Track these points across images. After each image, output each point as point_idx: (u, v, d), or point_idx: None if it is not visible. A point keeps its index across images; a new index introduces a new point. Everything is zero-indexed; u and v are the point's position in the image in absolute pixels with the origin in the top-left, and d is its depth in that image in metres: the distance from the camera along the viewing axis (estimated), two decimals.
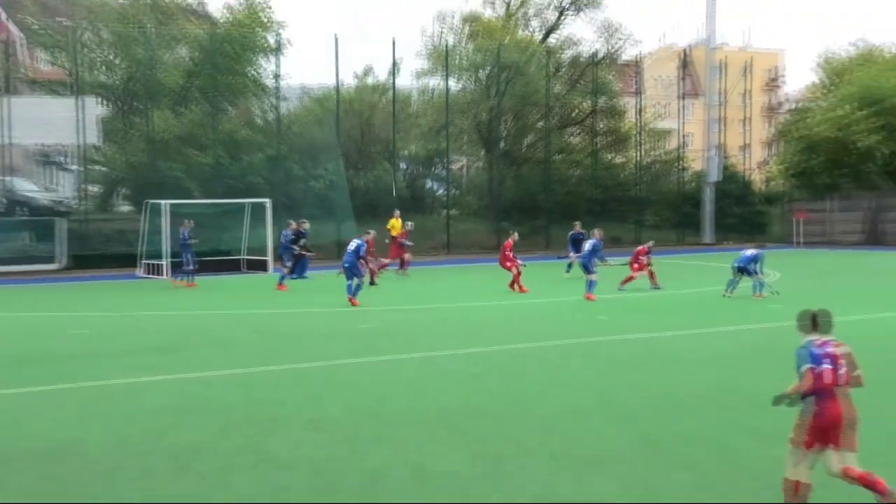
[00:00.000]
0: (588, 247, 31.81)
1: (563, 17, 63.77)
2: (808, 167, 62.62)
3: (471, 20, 61.68)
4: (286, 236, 37.88)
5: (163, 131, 47.45)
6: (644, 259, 34.04)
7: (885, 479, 10.28)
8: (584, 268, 31.49)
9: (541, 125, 59.06)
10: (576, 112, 61.45)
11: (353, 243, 30.33)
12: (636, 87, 63.35)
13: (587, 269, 31.19)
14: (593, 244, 31.94)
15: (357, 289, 29.62)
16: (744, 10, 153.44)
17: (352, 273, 29.70)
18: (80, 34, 48.39)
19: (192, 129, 48.55)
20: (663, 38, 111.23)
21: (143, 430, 14.22)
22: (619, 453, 12.87)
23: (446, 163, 56.71)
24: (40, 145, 52.26)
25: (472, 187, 61.50)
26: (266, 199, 42.12)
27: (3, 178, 45.29)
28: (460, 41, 59.94)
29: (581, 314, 27.41)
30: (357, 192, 50.32)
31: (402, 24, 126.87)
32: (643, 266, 33.95)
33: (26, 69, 57.07)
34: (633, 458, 12.59)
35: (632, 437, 13.61)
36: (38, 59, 56.66)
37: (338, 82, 51.74)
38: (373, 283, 35.16)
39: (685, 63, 70.89)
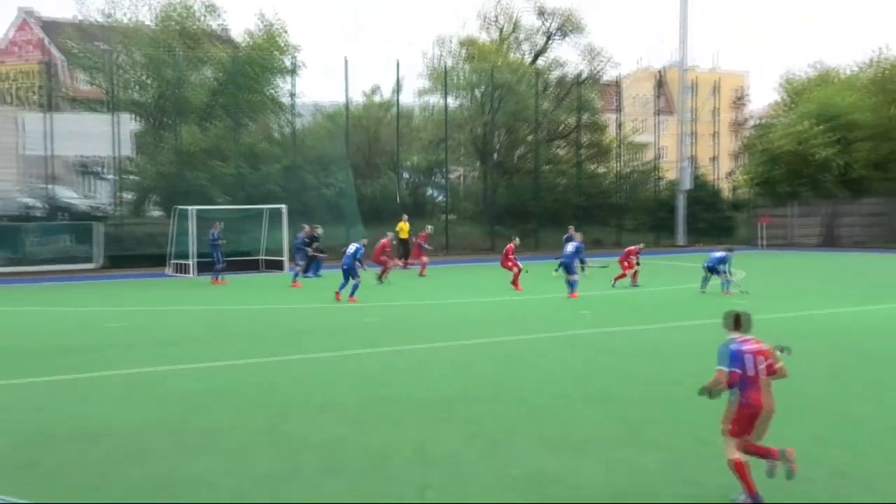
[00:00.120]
0: (571, 248, 31.25)
1: (550, 42, 63.80)
2: (771, 177, 62.57)
3: (467, 44, 61.67)
4: (300, 238, 37.85)
5: (190, 144, 47.39)
6: (634, 259, 33.89)
7: (835, 460, 10.22)
8: (565, 268, 30.84)
9: (530, 139, 58.98)
10: (562, 127, 61.45)
11: (351, 247, 30.05)
12: (616, 105, 63.29)
13: (569, 269, 30.62)
14: (577, 246, 31.74)
15: (354, 288, 29.31)
16: (712, 36, 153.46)
17: (349, 274, 29.52)
18: (116, 57, 48.33)
19: (216, 143, 48.52)
20: (640, 61, 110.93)
21: (171, 413, 14.20)
22: (601, 435, 12.84)
23: (445, 172, 56.70)
24: (80, 157, 52.23)
25: (468, 194, 61.46)
26: (282, 206, 42.08)
27: (47, 186, 45.24)
28: (458, 63, 59.90)
29: (566, 310, 27.36)
30: (364, 198, 50.28)
31: (405, 47, 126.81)
32: (632, 265, 33.75)
33: (67, 88, 57.11)
34: (614, 439, 12.57)
35: (613, 421, 13.59)
36: (78, 79, 56.62)
37: (347, 100, 51.75)
38: (380, 280, 34.99)
39: (660, 83, 70.94)
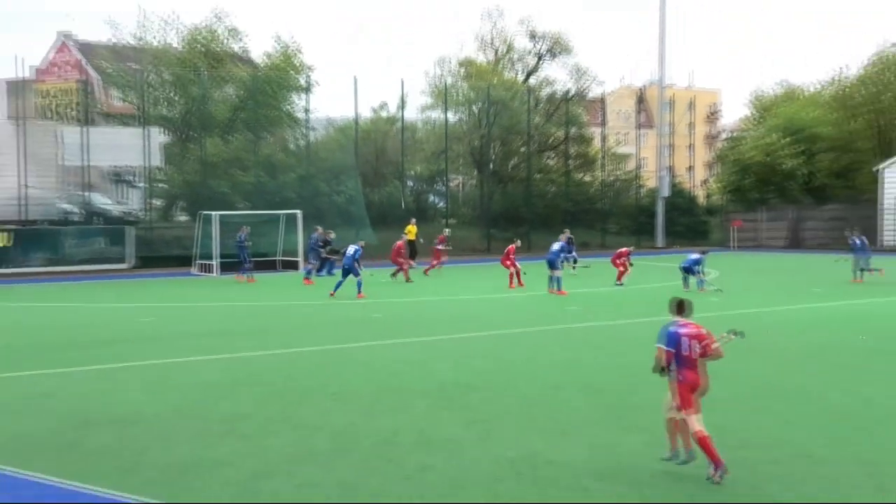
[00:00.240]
0: (556, 247, 30.81)
1: (541, 62, 63.85)
2: (742, 185, 62.49)
3: (465, 64, 61.70)
4: (314, 239, 37.81)
5: (213, 155, 47.39)
6: (627, 260, 33.66)
7: (800, 442, 10.20)
8: (549, 265, 30.20)
9: (523, 150, 58.95)
10: (552, 139, 61.46)
11: (350, 248, 30.10)
12: (601, 119, 63.25)
13: (552, 265, 30.07)
14: (561, 245, 31.49)
15: (359, 285, 29.24)
16: (688, 56, 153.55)
17: (349, 273, 29.49)
18: (147, 76, 48.33)
19: (237, 154, 48.54)
20: (623, 79, 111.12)
21: (196, 400, 14.20)
22: (588, 419, 12.85)
23: (445, 180, 56.73)
24: (113, 167, 52.21)
25: (466, 201, 61.47)
26: (297, 211, 42.07)
27: (84, 193, 45.26)
28: (457, 81, 59.92)
29: (555, 306, 27.35)
30: (372, 204, 50.25)
31: (409, 67, 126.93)
32: (626, 265, 33.46)
33: (102, 105, 57.09)
34: (599, 423, 12.57)
35: (598, 406, 13.59)
36: (112, 96, 56.63)
37: (356, 115, 51.70)
38: (394, 276, 34.56)
39: (641, 99, 71.04)
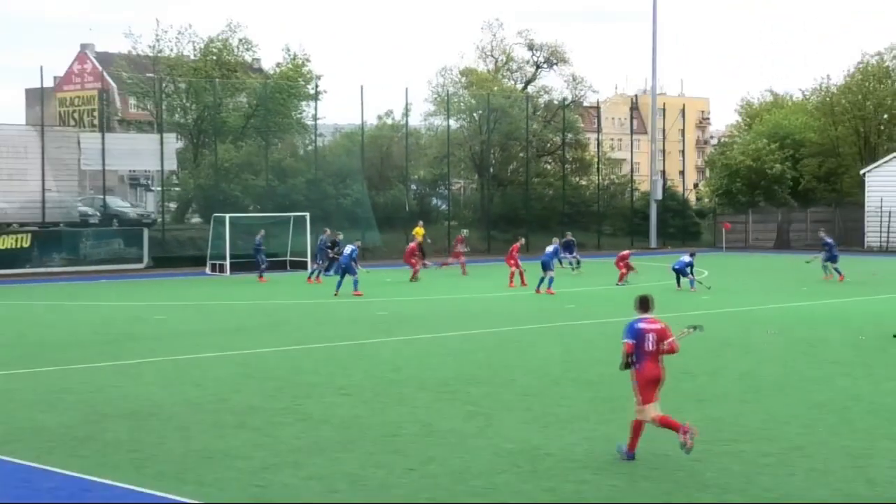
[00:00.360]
0: (550, 249, 30.40)
1: (539, 71, 63.84)
2: (731, 188, 62.37)
3: (467, 73, 61.70)
4: (322, 240, 37.76)
5: (225, 160, 47.41)
6: (628, 261, 33.45)
7: (788, 431, 10.21)
8: (543, 266, 29.53)
9: (522, 155, 58.88)
10: (549, 145, 61.48)
11: (348, 248, 30.15)
12: (596, 126, 63.25)
13: (545, 266, 29.46)
14: (555, 248, 31.19)
15: (355, 283, 29.18)
16: (679, 65, 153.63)
17: (346, 271, 29.46)
18: (164, 85, 48.39)
19: (249, 158, 48.59)
20: (617, 88, 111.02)
21: (209, 394, 14.21)
22: (583, 412, 12.86)
23: (447, 184, 56.76)
24: (130, 171, 52.44)
25: (467, 203, 61.44)
26: (306, 213, 42.05)
27: (101, 196, 45.30)
28: (458, 90, 59.90)
29: (553, 303, 27.27)
30: (377, 207, 50.18)
31: (412, 76, 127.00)
32: (629, 267, 33.20)
33: (120, 112, 57.25)
34: (594, 415, 12.58)
35: (595, 400, 13.59)
36: (129, 104, 56.76)
37: (363, 122, 51.64)
38: (414, 279, 34.34)
39: (634, 107, 71.13)
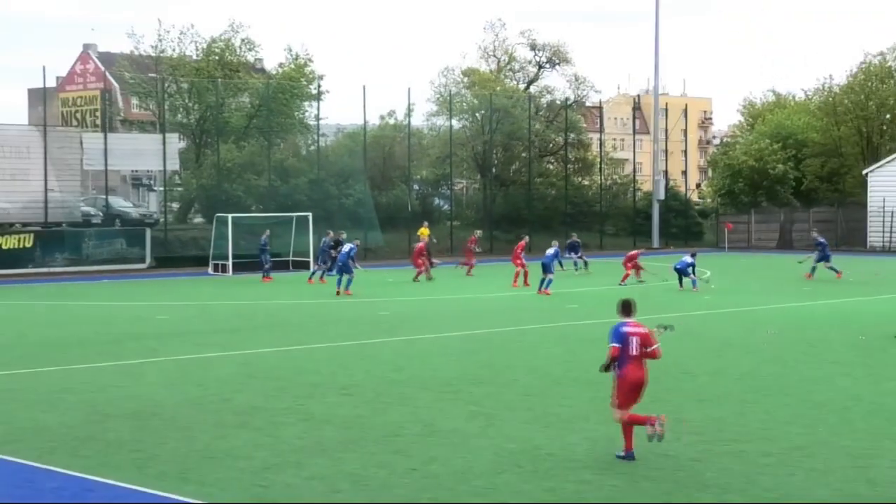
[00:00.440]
0: (550, 252, 30.39)
1: (541, 71, 63.80)
2: (734, 188, 62.33)
3: (469, 73, 61.65)
4: (325, 242, 37.73)
5: (228, 160, 47.43)
6: (637, 261, 33.45)
7: (789, 431, 10.19)
8: (543, 268, 29.59)
9: (524, 155, 58.88)
10: (551, 145, 61.45)
11: (346, 246, 30.14)
12: (598, 126, 63.23)
13: (546, 268, 29.52)
14: (556, 251, 31.16)
15: (348, 282, 29.19)
16: (682, 65, 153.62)
17: (343, 270, 29.45)
18: (166, 85, 48.41)
19: (251, 158, 48.60)
20: (619, 88, 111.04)
21: (211, 393, 14.22)
22: (584, 412, 12.86)
23: (450, 184, 56.78)
24: (132, 171, 52.41)
25: (470, 203, 61.45)
26: (308, 213, 42.03)
27: (104, 196, 45.33)
28: (461, 90, 59.89)
29: (556, 304, 27.25)
30: (380, 207, 50.19)
31: (415, 76, 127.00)
32: (637, 266, 33.20)
33: (122, 112, 57.29)
34: (595, 415, 12.56)
35: (594, 400, 13.57)
36: (132, 104, 56.80)
37: (365, 122, 51.64)
38: (430, 278, 34.34)
39: (636, 107, 71.02)
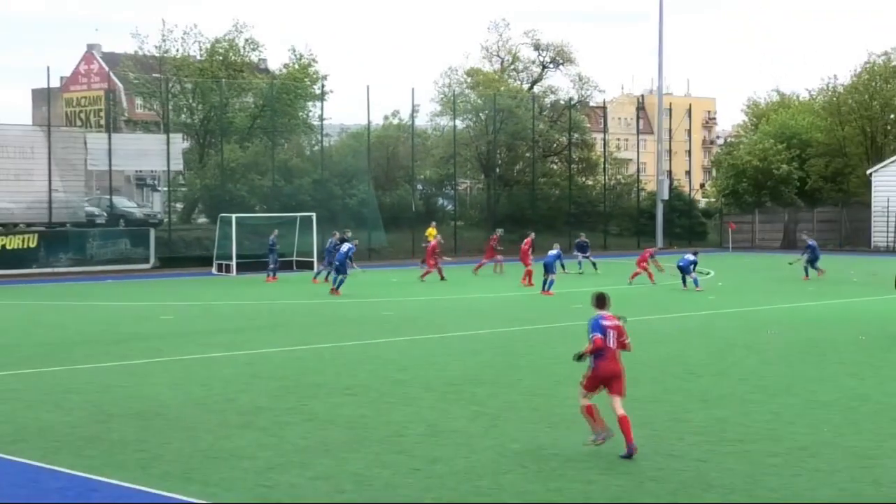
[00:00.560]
0: (553, 253, 30.40)
1: (545, 71, 63.74)
2: (738, 188, 62.31)
3: (473, 73, 61.63)
4: (331, 243, 37.65)
5: (232, 160, 47.46)
6: (650, 260, 33.25)
7: (795, 431, 10.13)
8: (546, 268, 29.66)
9: (528, 155, 58.88)
10: (555, 145, 61.44)
11: (345, 246, 30.13)
12: (602, 126, 63.22)
13: (548, 269, 29.57)
14: (558, 252, 31.04)
15: (339, 283, 29.13)
16: (686, 65, 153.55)
17: (338, 269, 29.41)
18: (170, 85, 48.47)
19: (255, 159, 48.64)
20: (623, 88, 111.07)
21: (215, 393, 14.23)
22: None
23: (454, 184, 56.78)
24: (136, 171, 52.53)
25: (473, 204, 61.45)
26: (312, 214, 42.05)
27: (108, 196, 45.38)
28: (465, 90, 59.89)
29: (560, 303, 27.18)
30: (384, 207, 50.22)
31: (418, 76, 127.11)
32: (647, 270, 32.96)
33: (126, 112, 57.36)
34: (602, 417, 12.52)
35: (598, 400, 13.52)
36: (136, 104, 56.86)
37: (369, 122, 51.67)
38: (442, 277, 34.18)
39: (640, 107, 71.02)
